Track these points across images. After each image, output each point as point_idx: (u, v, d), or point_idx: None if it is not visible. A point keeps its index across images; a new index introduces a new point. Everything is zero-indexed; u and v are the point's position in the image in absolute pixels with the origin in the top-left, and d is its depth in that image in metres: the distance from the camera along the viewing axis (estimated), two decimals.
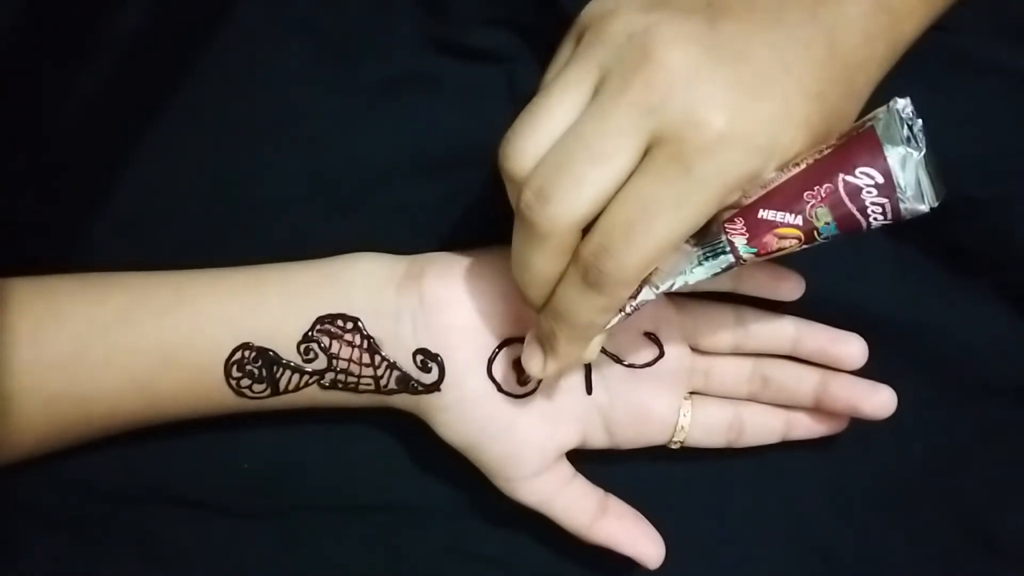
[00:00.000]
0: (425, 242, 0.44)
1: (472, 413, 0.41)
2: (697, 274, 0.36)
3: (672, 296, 0.43)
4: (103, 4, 0.41)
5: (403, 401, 0.42)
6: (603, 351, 0.42)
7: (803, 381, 0.44)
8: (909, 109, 0.33)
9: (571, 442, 0.43)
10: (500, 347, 0.41)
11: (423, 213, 0.45)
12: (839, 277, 0.45)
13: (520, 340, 0.41)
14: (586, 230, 0.34)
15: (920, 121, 0.33)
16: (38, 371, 0.40)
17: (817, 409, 0.44)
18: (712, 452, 0.45)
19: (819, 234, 0.34)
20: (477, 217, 0.45)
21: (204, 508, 0.45)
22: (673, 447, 0.44)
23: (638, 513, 0.44)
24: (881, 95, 0.36)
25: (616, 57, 0.33)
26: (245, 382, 0.41)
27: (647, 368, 0.43)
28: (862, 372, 0.43)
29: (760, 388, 0.44)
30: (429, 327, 0.41)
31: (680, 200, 0.32)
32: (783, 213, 0.34)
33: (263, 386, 0.41)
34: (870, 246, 0.45)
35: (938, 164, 0.33)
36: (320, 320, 0.41)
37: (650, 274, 0.36)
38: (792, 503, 0.47)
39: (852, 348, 0.43)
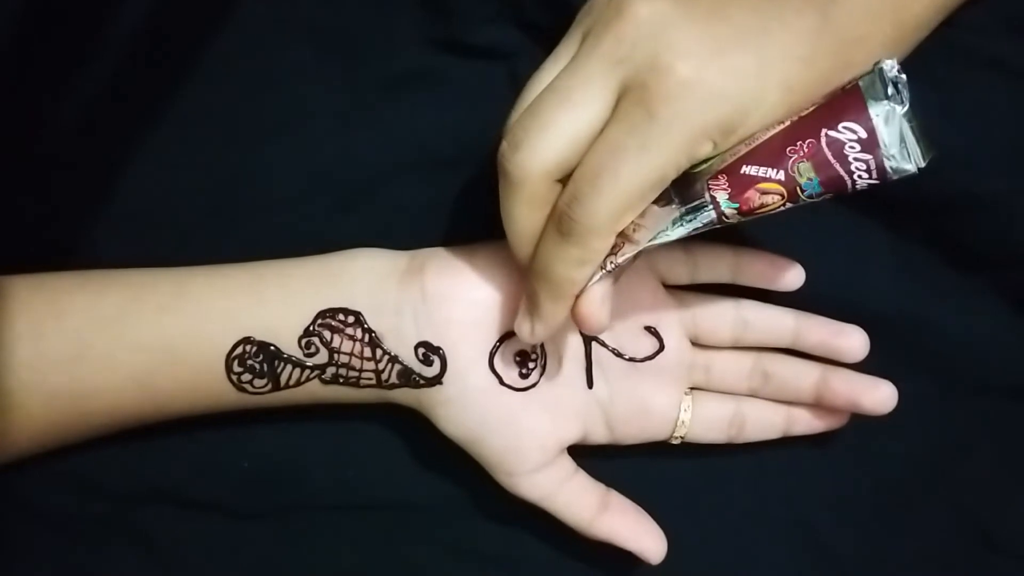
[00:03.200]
0: (426, 240, 0.44)
1: (473, 406, 0.41)
2: (678, 231, 0.36)
3: (672, 290, 0.44)
4: (104, 4, 0.41)
5: (404, 396, 0.42)
6: (603, 345, 0.42)
7: (803, 377, 0.44)
8: (895, 69, 0.33)
9: (572, 436, 0.43)
10: (501, 340, 0.41)
11: (425, 211, 0.45)
12: (838, 275, 0.45)
13: None
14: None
15: (905, 78, 0.33)
16: (39, 368, 0.40)
17: (818, 405, 0.44)
18: (713, 448, 0.45)
19: (802, 191, 0.34)
20: (479, 215, 0.45)
21: (204, 508, 0.45)
22: (674, 442, 0.44)
23: (640, 508, 0.44)
24: None
25: (595, 18, 0.35)
26: (246, 377, 0.41)
27: (648, 362, 0.43)
28: (861, 370, 0.43)
29: (761, 384, 0.44)
30: (431, 321, 0.41)
31: (645, 145, 0.33)
32: (765, 168, 0.34)
33: (264, 381, 0.41)
34: (869, 243, 0.46)
35: (923, 126, 0.33)
36: (321, 314, 0.41)
37: (631, 230, 0.36)
38: (792, 502, 0.47)
39: (853, 340, 0.43)
